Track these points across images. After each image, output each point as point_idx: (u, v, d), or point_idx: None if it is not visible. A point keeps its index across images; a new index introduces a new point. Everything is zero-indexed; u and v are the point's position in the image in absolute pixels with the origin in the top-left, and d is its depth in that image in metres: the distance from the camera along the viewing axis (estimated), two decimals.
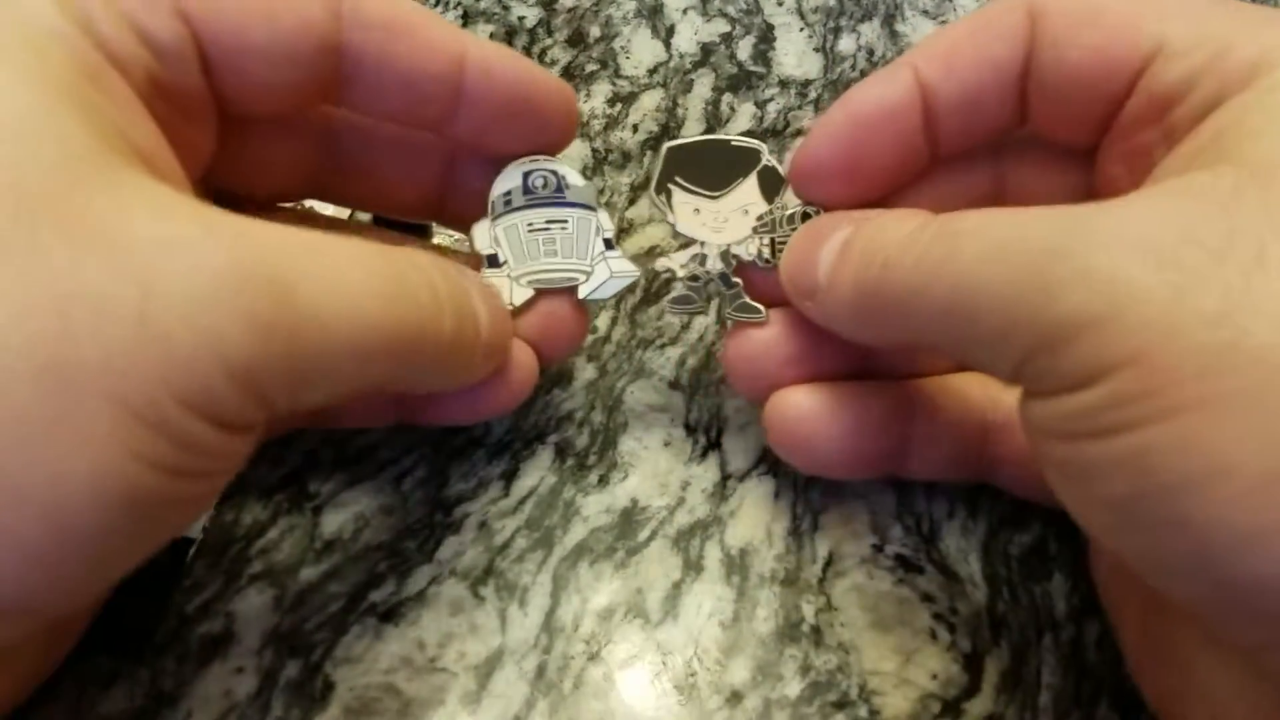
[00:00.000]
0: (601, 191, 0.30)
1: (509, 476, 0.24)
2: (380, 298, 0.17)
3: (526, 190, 0.23)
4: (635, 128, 0.31)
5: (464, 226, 0.23)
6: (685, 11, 0.35)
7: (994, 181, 0.22)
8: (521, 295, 0.22)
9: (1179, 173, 0.17)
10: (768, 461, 0.24)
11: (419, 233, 0.27)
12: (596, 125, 0.31)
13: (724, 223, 0.23)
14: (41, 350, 0.13)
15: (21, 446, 0.13)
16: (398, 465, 0.24)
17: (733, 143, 0.23)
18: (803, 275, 0.21)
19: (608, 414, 0.25)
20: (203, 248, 0.14)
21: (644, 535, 0.23)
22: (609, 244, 0.23)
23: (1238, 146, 0.16)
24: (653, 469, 0.24)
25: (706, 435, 0.25)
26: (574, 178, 0.23)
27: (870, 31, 0.35)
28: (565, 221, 0.23)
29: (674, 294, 0.23)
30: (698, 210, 0.23)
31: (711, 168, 0.23)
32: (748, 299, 0.22)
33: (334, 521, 0.23)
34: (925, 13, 0.36)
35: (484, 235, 0.23)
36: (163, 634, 0.21)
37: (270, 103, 0.20)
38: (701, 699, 0.21)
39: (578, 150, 0.30)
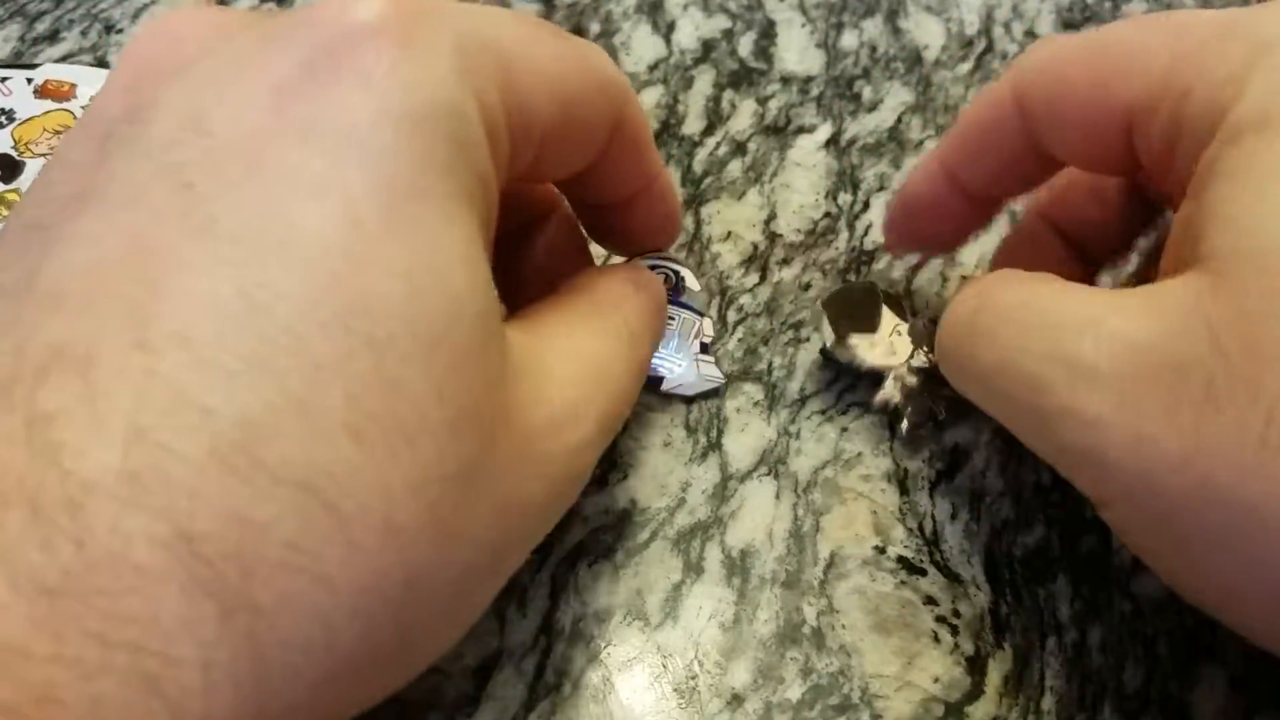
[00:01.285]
0: None
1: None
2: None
3: None
4: None
5: None
6: (686, 7, 0.35)
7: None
8: None
9: (1174, 252, 0.18)
10: (768, 463, 0.24)
11: None
12: None
13: (892, 347, 0.26)
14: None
15: None
16: None
17: (855, 283, 0.27)
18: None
19: None
20: (579, 425, 0.16)
21: (644, 536, 0.23)
22: (705, 348, 0.25)
23: (1206, 238, 0.16)
24: (652, 470, 0.24)
25: (707, 436, 0.25)
26: (691, 281, 0.26)
27: (873, 27, 0.35)
28: (673, 318, 0.25)
29: (907, 424, 0.25)
30: (873, 345, 0.26)
31: (855, 307, 0.26)
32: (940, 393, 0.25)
33: None
34: (928, 9, 0.35)
35: None
36: None
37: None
38: (701, 702, 0.21)
39: None
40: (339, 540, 0.12)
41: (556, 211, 0.22)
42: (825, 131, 0.31)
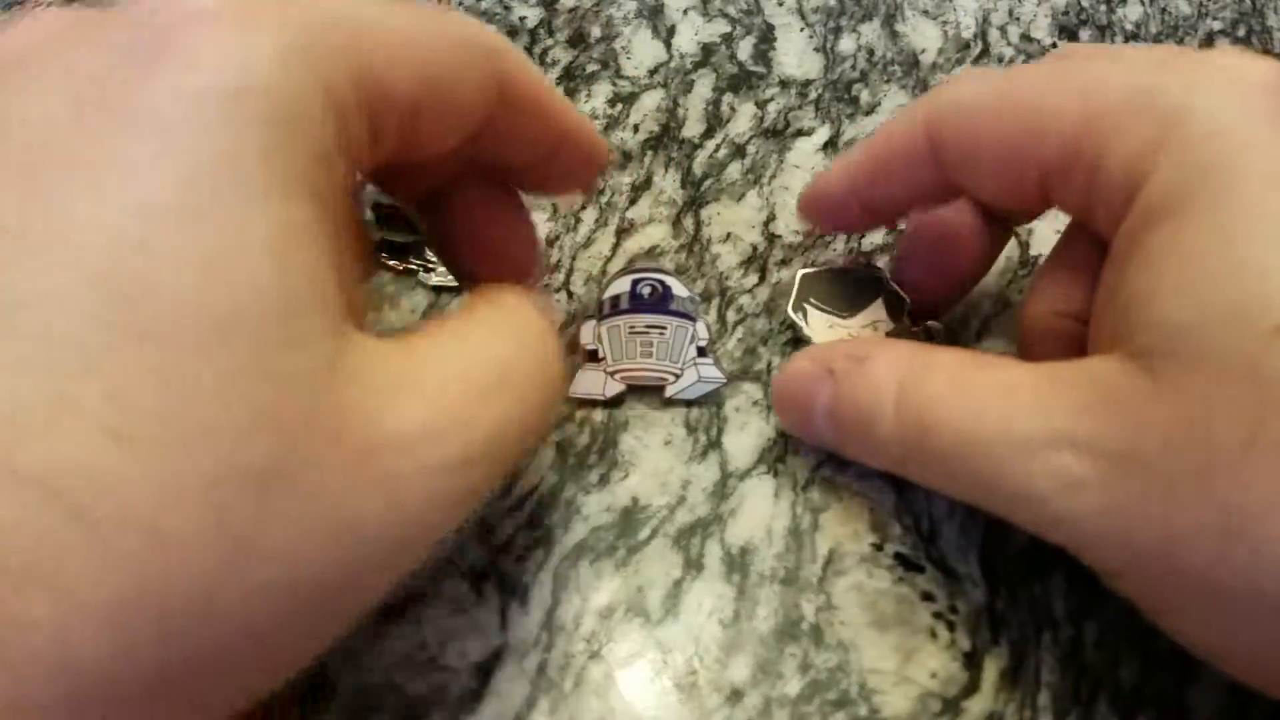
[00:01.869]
0: (602, 192, 0.30)
1: (509, 475, 0.24)
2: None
3: (634, 296, 0.26)
4: (636, 128, 0.31)
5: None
6: (686, 12, 0.35)
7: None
8: (614, 388, 0.25)
9: (1104, 316, 0.19)
10: (768, 461, 0.24)
11: (412, 251, 0.27)
12: (597, 125, 0.31)
13: (857, 337, 0.26)
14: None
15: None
16: None
17: (860, 272, 0.27)
18: (815, 439, 0.23)
19: (608, 413, 0.25)
20: (447, 442, 0.15)
21: (644, 534, 0.23)
22: (701, 351, 0.26)
23: (1134, 327, 0.17)
24: (653, 468, 0.24)
25: (707, 434, 0.25)
26: (678, 289, 0.26)
27: (871, 32, 0.35)
28: (664, 328, 0.26)
29: None
30: (831, 326, 0.26)
31: (841, 291, 0.26)
32: None
33: None
34: (925, 13, 0.36)
35: (589, 332, 0.26)
36: None
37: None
38: (701, 697, 0.21)
39: None
40: (84, 549, 0.11)
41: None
42: (823, 134, 0.32)
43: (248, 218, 0.12)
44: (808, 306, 0.26)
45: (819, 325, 0.26)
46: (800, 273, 0.27)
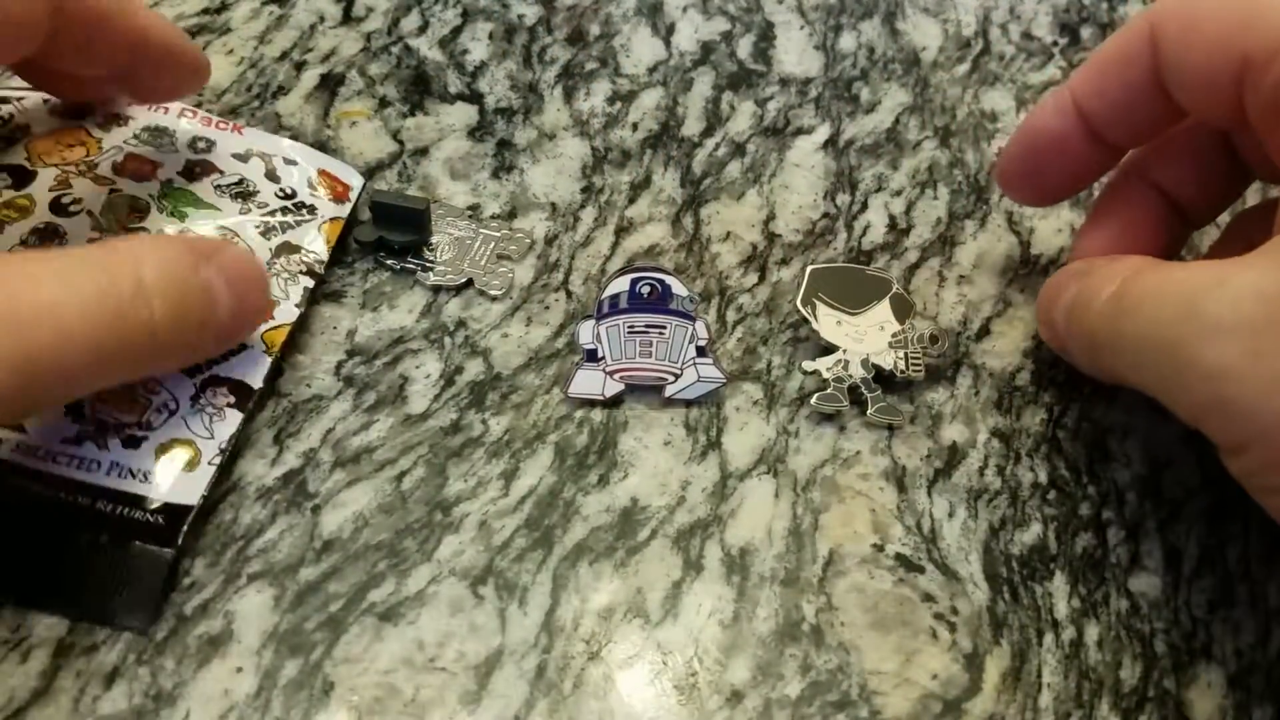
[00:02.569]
0: (601, 190, 0.30)
1: (508, 476, 0.24)
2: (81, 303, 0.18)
3: (633, 296, 0.26)
4: (635, 126, 0.31)
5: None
6: (685, 9, 0.35)
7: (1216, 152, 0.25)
8: (613, 388, 0.25)
9: None
10: (768, 461, 0.24)
11: (411, 251, 0.27)
12: (596, 124, 0.31)
13: (863, 335, 0.26)
14: None
15: None
16: (397, 465, 0.24)
17: (867, 272, 0.27)
18: (1051, 334, 0.25)
19: (607, 413, 0.25)
20: None
21: (644, 535, 0.23)
22: (701, 351, 0.26)
23: None
24: (653, 468, 0.24)
25: (706, 435, 0.25)
26: (678, 288, 0.26)
27: (871, 29, 0.35)
28: (663, 327, 0.26)
29: (822, 394, 0.25)
30: (839, 322, 0.26)
31: (850, 288, 0.27)
32: (888, 402, 0.25)
33: (333, 521, 0.23)
34: (926, 10, 0.35)
35: (588, 332, 0.26)
36: (162, 634, 0.21)
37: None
38: (701, 699, 0.21)
39: (577, 149, 0.30)
40: None
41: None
42: (824, 133, 0.32)
43: None
44: (817, 301, 0.26)
45: (827, 320, 0.26)
46: (810, 268, 0.27)
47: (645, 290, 0.26)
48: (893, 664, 0.21)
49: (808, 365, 0.26)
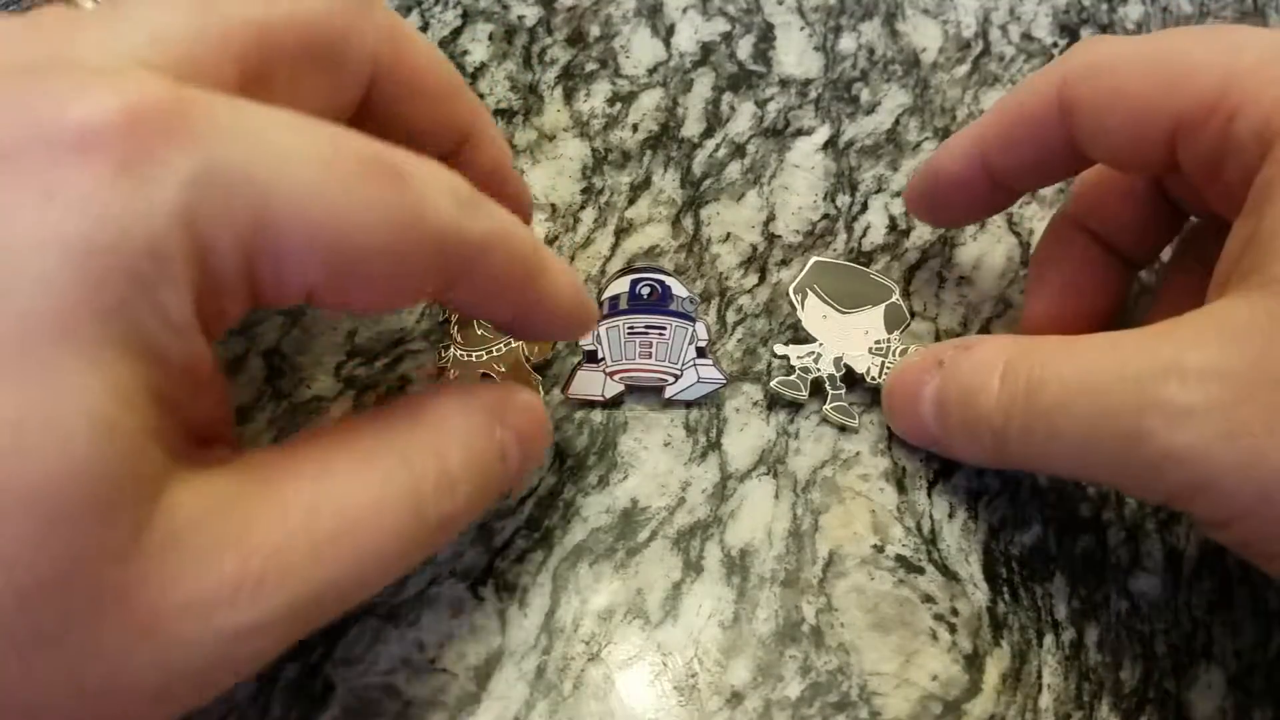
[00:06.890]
0: (600, 191, 0.30)
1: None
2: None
3: (633, 297, 0.26)
4: (635, 127, 0.31)
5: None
6: (685, 10, 0.35)
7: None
8: (613, 389, 0.25)
9: (1232, 267, 0.18)
10: (768, 462, 0.24)
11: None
12: (596, 125, 0.31)
13: (845, 335, 0.26)
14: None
15: None
16: None
17: (871, 275, 0.27)
18: (918, 431, 0.23)
19: (607, 414, 0.25)
20: (248, 607, 0.14)
21: (644, 536, 0.23)
22: (701, 352, 0.26)
23: (1264, 251, 0.17)
24: (653, 469, 0.24)
25: (706, 435, 0.25)
26: (678, 289, 0.26)
27: (871, 30, 0.35)
28: (663, 328, 0.26)
29: (784, 378, 0.25)
30: (825, 317, 0.26)
31: (847, 287, 0.27)
32: (846, 404, 0.25)
33: None
34: (926, 12, 0.36)
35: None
36: None
37: None
38: (701, 700, 0.21)
39: (577, 150, 0.30)
40: None
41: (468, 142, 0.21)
42: (824, 134, 0.32)
43: (78, 382, 0.12)
44: (809, 291, 0.26)
45: (813, 312, 0.26)
46: (814, 259, 0.27)
47: (645, 291, 0.26)
48: (893, 665, 0.21)
49: (779, 349, 0.26)
